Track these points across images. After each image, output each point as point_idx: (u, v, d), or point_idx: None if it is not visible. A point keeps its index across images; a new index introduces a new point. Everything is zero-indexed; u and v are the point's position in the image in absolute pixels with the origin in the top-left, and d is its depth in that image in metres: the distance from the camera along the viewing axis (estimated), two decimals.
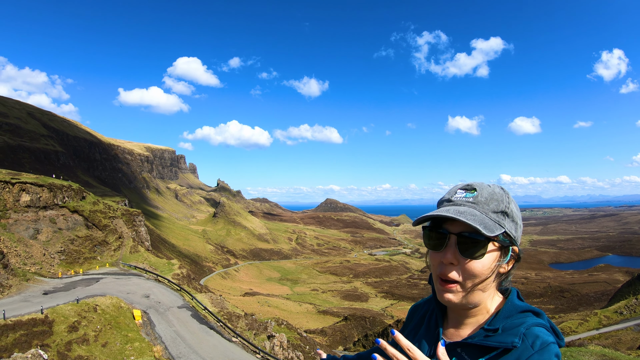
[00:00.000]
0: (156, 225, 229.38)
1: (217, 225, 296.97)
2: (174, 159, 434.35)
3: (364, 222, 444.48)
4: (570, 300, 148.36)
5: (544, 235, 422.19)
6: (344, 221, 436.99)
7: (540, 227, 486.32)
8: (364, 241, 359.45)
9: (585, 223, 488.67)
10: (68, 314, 34.76)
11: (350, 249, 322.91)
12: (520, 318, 2.05)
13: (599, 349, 23.53)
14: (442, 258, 2.10)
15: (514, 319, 2.05)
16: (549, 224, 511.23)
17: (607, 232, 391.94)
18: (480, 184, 2.25)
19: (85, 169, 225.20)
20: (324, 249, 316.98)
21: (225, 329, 41.23)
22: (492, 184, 2.31)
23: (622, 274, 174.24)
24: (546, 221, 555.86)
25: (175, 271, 69.33)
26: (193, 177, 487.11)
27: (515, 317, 2.07)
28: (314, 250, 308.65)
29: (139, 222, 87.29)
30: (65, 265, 58.78)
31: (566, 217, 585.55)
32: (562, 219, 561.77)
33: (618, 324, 66.81)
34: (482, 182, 2.28)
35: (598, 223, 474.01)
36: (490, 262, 2.09)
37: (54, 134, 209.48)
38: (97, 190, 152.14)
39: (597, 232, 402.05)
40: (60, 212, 67.98)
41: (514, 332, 1.94)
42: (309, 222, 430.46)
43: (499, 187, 2.25)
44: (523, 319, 2.03)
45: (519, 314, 2.09)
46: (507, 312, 2.11)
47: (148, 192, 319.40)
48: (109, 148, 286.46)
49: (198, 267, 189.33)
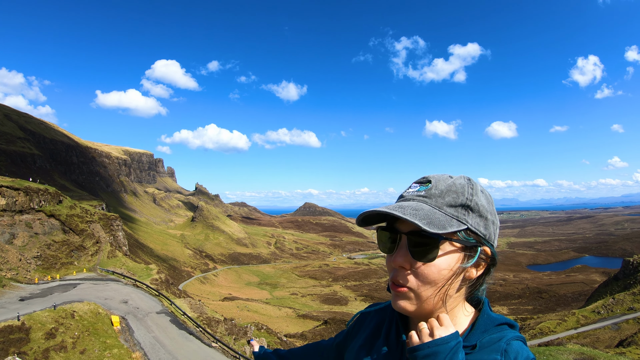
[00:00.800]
0: (134, 229, 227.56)
1: (196, 230, 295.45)
2: (152, 163, 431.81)
3: (342, 225, 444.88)
4: (548, 300, 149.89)
5: (521, 237, 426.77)
6: (323, 225, 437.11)
7: (517, 230, 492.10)
8: (343, 245, 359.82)
9: (562, 225, 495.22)
10: (45, 320, 34.30)
11: (329, 253, 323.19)
12: (498, 332, 1.78)
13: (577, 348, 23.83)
14: (392, 262, 1.80)
15: (491, 334, 1.78)
16: (527, 227, 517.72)
17: (584, 234, 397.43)
18: (440, 176, 1.90)
19: (62, 173, 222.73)
20: (303, 252, 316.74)
21: (205, 334, 40.98)
22: (457, 175, 1.93)
23: (599, 275, 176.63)
24: (523, 224, 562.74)
25: (154, 276, 68.79)
26: (171, 181, 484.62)
27: (492, 331, 1.79)
28: (293, 254, 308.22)
29: (117, 226, 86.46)
30: (41, 271, 58.00)
31: (543, 220, 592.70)
32: (539, 222, 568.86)
33: (596, 323, 67.69)
34: (443, 174, 1.93)
35: (574, 225, 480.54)
36: (448, 265, 1.74)
37: (30, 137, 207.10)
38: (74, 194, 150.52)
39: (574, 234, 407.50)
40: (36, 217, 67.07)
41: (494, 348, 1.69)
42: (287, 226, 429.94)
43: (463, 178, 1.89)
44: (501, 333, 1.77)
45: (495, 327, 1.81)
46: (484, 326, 1.82)
47: (126, 196, 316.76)
48: (86, 151, 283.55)
49: (176, 272, 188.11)
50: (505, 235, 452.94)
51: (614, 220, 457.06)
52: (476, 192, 1.83)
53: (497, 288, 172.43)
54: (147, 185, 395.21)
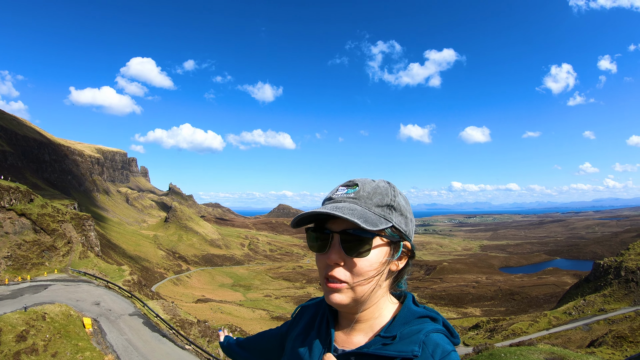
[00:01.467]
0: (106, 229, 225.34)
1: (169, 231, 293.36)
2: (125, 162, 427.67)
3: None
4: (521, 302, 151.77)
5: (494, 240, 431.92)
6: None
7: (490, 233, 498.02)
8: None
9: (534, 229, 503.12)
10: (16, 322, 33.74)
11: (303, 255, 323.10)
12: (418, 324, 1.88)
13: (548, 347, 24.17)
14: (327, 259, 1.90)
15: (411, 325, 1.89)
16: (499, 230, 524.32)
17: (555, 237, 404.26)
18: (363, 180, 2.05)
19: (34, 170, 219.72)
20: (277, 254, 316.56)
21: (178, 337, 40.69)
22: (377, 179, 2.08)
23: (570, 277, 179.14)
24: (496, 227, 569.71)
25: (126, 277, 68.09)
26: (144, 181, 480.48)
27: (413, 323, 1.90)
28: (267, 256, 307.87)
29: (89, 226, 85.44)
30: (12, 272, 57.09)
31: (515, 223, 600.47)
32: (512, 225, 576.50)
33: (567, 324, 68.82)
34: (365, 178, 2.07)
35: (546, 228, 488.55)
36: (378, 259, 1.89)
37: (2, 133, 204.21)
38: (46, 192, 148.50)
39: (546, 237, 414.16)
40: (7, 215, 65.97)
41: (413, 339, 1.79)
42: (261, 227, 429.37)
43: (384, 182, 2.06)
44: (421, 325, 1.87)
45: (416, 319, 1.92)
46: (405, 318, 1.94)
47: (98, 196, 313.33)
48: (59, 149, 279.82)
49: (149, 273, 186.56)
50: (478, 238, 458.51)
51: (585, 224, 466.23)
52: (397, 193, 1.99)
53: (470, 290, 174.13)
54: (120, 185, 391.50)
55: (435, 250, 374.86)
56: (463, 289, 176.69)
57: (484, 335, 72.32)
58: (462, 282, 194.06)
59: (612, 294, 77.70)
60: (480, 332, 75.58)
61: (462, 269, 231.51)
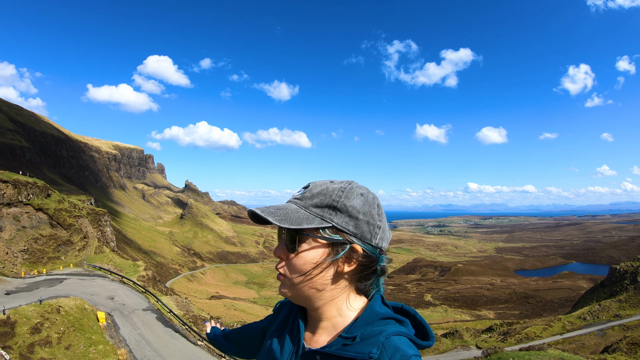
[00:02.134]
0: (122, 225, 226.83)
1: (184, 227, 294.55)
2: (142, 159, 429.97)
3: None
4: (535, 306, 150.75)
5: (509, 242, 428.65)
6: None
7: (506, 235, 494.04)
8: None
9: (550, 231, 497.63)
10: (31, 315, 34.12)
11: None
12: (381, 326, 1.85)
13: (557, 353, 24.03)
14: (274, 252, 2.01)
15: (373, 327, 1.85)
16: (515, 232, 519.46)
17: (571, 241, 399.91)
18: (320, 181, 2.07)
19: (52, 166, 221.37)
20: None
21: (191, 333, 40.93)
22: (342, 181, 2.07)
23: (586, 281, 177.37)
24: (512, 229, 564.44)
25: (141, 273, 68.65)
26: (161, 178, 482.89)
27: (376, 324, 1.87)
28: None
29: (105, 222, 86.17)
30: (28, 265, 57.73)
31: (532, 226, 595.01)
32: (528, 227, 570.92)
33: (581, 329, 67.99)
34: (326, 180, 2.08)
35: (562, 232, 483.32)
36: (312, 258, 1.89)
37: (20, 129, 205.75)
38: (63, 188, 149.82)
39: (562, 241, 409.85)
40: (24, 210, 66.74)
41: (372, 341, 1.76)
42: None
43: (343, 184, 2.02)
44: (383, 327, 1.84)
45: (379, 320, 1.89)
46: (366, 319, 1.90)
47: (115, 192, 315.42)
48: (76, 145, 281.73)
49: (164, 269, 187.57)
50: (493, 240, 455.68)
51: (602, 228, 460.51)
52: (348, 195, 1.93)
53: (485, 292, 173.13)
54: (137, 181, 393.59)
55: (450, 251, 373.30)
56: (477, 291, 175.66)
57: (497, 338, 71.76)
58: (477, 284, 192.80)
59: (627, 299, 76.82)
60: (494, 335, 74.98)
61: (476, 270, 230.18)
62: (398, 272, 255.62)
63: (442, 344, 69.99)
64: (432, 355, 65.44)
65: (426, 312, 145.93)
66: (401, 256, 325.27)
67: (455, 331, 76.89)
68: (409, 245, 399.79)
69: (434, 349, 68.90)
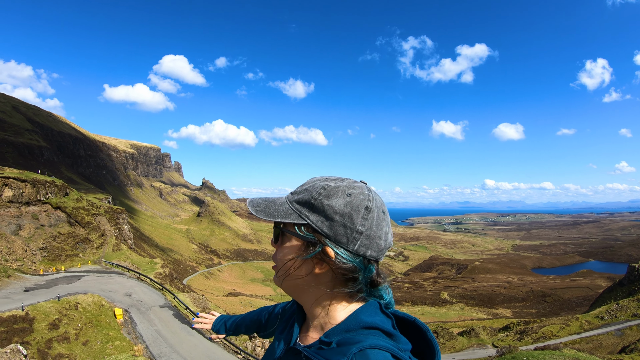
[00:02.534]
0: (139, 223, 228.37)
1: (201, 225, 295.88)
2: (159, 157, 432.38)
3: None
4: (552, 304, 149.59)
5: (527, 240, 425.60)
6: None
7: (523, 232, 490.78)
8: None
9: (568, 229, 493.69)
10: (49, 311, 34.51)
11: None
12: (361, 335, 1.69)
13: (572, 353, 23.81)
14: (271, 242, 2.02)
15: (353, 335, 1.71)
16: (532, 230, 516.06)
17: (590, 239, 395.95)
18: (316, 178, 1.99)
19: (70, 165, 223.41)
20: None
21: None
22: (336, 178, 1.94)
23: (604, 280, 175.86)
24: (529, 226, 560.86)
25: (158, 270, 69.08)
26: (178, 176, 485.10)
27: (357, 332, 1.72)
28: None
29: (122, 219, 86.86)
30: (47, 262, 58.34)
31: (549, 223, 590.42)
32: (546, 225, 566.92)
33: (599, 328, 67.29)
34: (322, 177, 1.98)
35: (580, 229, 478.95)
36: (289, 252, 1.88)
37: (38, 129, 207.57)
38: (81, 186, 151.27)
39: (580, 238, 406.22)
40: (43, 208, 67.42)
41: (344, 350, 1.63)
42: None
43: (335, 182, 1.89)
44: (362, 337, 1.67)
45: (362, 329, 1.73)
46: (347, 326, 1.77)
47: (132, 190, 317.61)
48: (94, 144, 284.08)
49: (181, 267, 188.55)
50: (511, 237, 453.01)
51: (621, 226, 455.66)
52: (329, 194, 1.83)
53: (502, 290, 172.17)
54: (154, 180, 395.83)
55: (467, 249, 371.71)
56: (494, 289, 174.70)
57: (514, 337, 71.29)
58: (494, 282, 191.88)
59: None
60: (510, 334, 74.51)
61: (493, 268, 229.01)
62: (415, 270, 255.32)
63: (458, 343, 69.73)
64: (448, 353, 65.20)
65: (442, 310, 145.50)
66: (418, 254, 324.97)
67: (472, 329, 76.65)
68: (426, 242, 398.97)
69: (450, 348, 68.69)
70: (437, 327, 75.70)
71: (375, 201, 1.85)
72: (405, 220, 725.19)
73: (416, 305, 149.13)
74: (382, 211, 1.85)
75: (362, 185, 1.91)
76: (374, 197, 1.86)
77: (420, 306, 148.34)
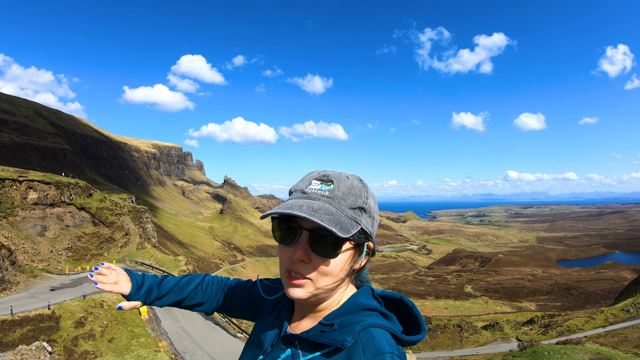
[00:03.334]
0: (163, 221, 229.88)
1: (224, 222, 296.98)
2: (181, 156, 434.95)
3: None
4: (577, 297, 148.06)
5: (551, 232, 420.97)
6: None
7: (547, 224, 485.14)
8: None
9: (593, 220, 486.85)
10: (75, 309, 35.10)
11: None
12: (361, 316, 1.78)
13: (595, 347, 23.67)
14: (293, 254, 1.82)
15: (353, 316, 1.79)
16: (556, 221, 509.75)
17: (615, 230, 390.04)
18: (338, 175, 1.90)
19: (93, 167, 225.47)
20: None
21: (231, 325, 41.56)
22: (350, 174, 1.95)
23: (630, 272, 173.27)
24: (553, 218, 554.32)
25: (182, 267, 69.79)
26: (200, 174, 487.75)
27: (357, 314, 1.80)
28: None
29: (146, 218, 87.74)
30: (72, 262, 59.25)
31: (573, 214, 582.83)
32: (570, 216, 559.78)
33: (625, 322, 66.60)
34: (339, 173, 1.94)
35: (605, 220, 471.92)
36: (344, 261, 1.81)
37: (61, 132, 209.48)
38: (104, 187, 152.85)
39: (605, 230, 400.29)
40: (67, 210, 68.43)
41: (348, 329, 1.70)
42: None
43: (358, 179, 1.93)
44: (363, 318, 1.76)
45: (361, 311, 1.82)
46: (348, 308, 1.84)
47: (155, 189, 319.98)
48: (116, 145, 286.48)
49: (205, 264, 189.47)
50: (534, 229, 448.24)
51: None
52: (369, 194, 1.88)
53: (526, 283, 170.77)
54: (176, 179, 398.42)
55: (490, 241, 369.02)
56: (518, 282, 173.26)
57: (538, 331, 70.86)
58: (518, 275, 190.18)
59: None
60: (535, 328, 74.07)
61: (517, 261, 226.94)
62: (438, 263, 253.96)
63: (482, 336, 69.51)
64: (472, 347, 65.11)
65: (466, 303, 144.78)
66: (441, 247, 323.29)
67: (496, 323, 76.32)
68: (449, 235, 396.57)
69: (474, 342, 68.49)
70: (461, 321, 75.44)
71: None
72: (427, 214, 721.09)
73: (440, 299, 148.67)
74: None
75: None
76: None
77: (444, 300, 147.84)
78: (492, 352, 55.87)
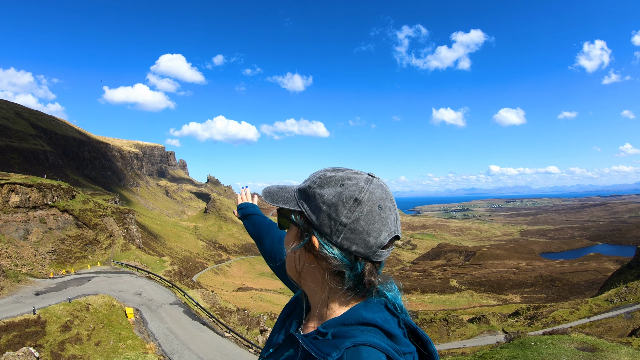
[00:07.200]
0: (147, 222, 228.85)
1: (208, 221, 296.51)
2: (164, 156, 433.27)
3: None
4: (562, 289, 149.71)
5: (534, 225, 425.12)
6: None
7: (530, 217, 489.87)
8: None
9: (575, 213, 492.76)
10: (60, 313, 34.84)
11: None
12: (357, 331, 1.58)
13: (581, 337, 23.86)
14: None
15: (349, 329, 1.60)
16: (539, 214, 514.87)
17: (597, 222, 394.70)
18: (329, 168, 1.86)
19: (75, 168, 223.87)
20: None
21: (218, 325, 41.46)
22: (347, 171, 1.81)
23: (612, 263, 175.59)
24: (536, 211, 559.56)
25: (167, 268, 69.45)
26: (183, 174, 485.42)
27: (354, 327, 1.61)
28: None
29: (130, 219, 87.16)
30: (56, 265, 58.73)
31: (556, 207, 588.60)
32: (552, 209, 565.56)
33: (609, 312, 67.43)
34: (340, 167, 1.86)
35: (588, 213, 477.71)
36: (289, 240, 1.87)
37: (42, 134, 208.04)
38: (87, 188, 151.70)
39: (587, 222, 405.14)
40: (50, 212, 67.79)
41: (336, 343, 1.53)
42: None
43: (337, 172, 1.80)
44: (358, 333, 1.56)
45: (359, 324, 1.61)
46: (345, 320, 1.65)
47: (138, 189, 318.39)
48: (98, 146, 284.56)
49: (190, 264, 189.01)
50: (518, 223, 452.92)
51: (628, 208, 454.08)
52: (323, 183, 1.76)
53: (510, 276, 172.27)
54: (159, 178, 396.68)
55: (474, 235, 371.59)
56: (503, 275, 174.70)
57: (524, 322, 71.48)
58: (502, 268, 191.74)
59: None
60: (520, 320, 74.72)
61: (502, 254, 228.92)
62: (423, 258, 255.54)
63: (468, 330, 69.97)
64: (459, 340, 65.48)
65: (452, 297, 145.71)
66: (426, 242, 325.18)
67: (482, 316, 76.78)
68: (433, 230, 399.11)
69: (461, 335, 68.97)
70: (447, 315, 75.90)
71: (371, 194, 1.70)
72: (411, 209, 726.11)
73: (425, 293, 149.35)
74: (378, 206, 1.68)
75: (361, 177, 1.76)
76: (370, 190, 1.71)
77: (430, 294, 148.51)
78: (479, 345, 56.25)
